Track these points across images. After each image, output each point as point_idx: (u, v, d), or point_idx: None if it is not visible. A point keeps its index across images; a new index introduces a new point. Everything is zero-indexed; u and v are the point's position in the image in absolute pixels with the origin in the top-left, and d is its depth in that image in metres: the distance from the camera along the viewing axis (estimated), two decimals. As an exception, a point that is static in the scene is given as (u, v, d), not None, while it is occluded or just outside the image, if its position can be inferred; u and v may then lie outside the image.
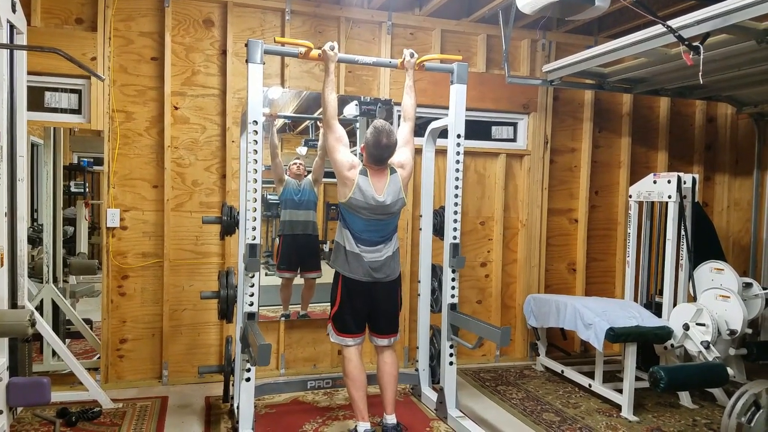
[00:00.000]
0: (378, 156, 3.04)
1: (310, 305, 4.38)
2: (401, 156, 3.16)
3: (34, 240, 4.32)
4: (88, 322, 4.34)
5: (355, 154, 3.28)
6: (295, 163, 4.29)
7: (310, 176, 4.31)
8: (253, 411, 3.08)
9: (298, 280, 4.37)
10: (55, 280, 4.29)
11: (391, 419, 3.15)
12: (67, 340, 4.35)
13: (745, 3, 2.78)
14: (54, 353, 3.95)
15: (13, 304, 3.10)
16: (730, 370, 3.28)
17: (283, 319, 4.28)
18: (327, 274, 4.35)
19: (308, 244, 4.37)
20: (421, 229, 3.94)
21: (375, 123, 3.07)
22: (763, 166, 5.12)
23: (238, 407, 3.16)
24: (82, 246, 4.95)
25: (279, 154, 4.24)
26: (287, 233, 4.32)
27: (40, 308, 4.05)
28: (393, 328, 3.25)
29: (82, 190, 5.15)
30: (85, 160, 5.18)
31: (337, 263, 3.16)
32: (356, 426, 3.08)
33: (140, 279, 4.01)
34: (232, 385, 3.46)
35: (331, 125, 3.04)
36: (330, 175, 4.44)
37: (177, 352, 4.08)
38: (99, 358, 4.02)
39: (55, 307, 4.20)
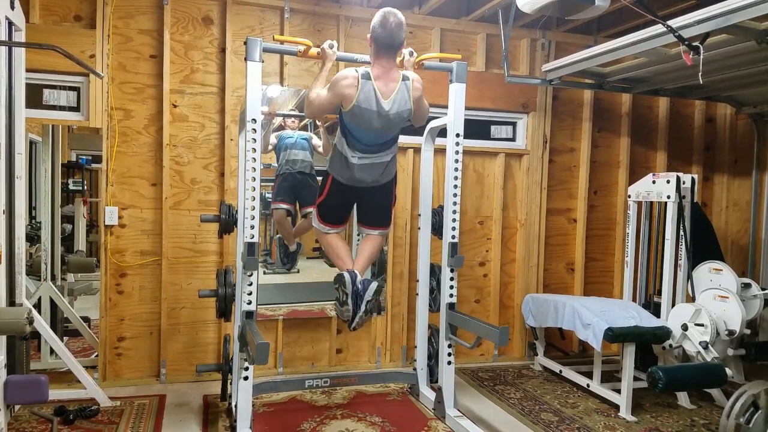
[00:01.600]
0: (387, 38, 2.89)
1: (307, 305, 4.38)
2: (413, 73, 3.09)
3: (32, 237, 4.31)
4: (86, 320, 4.33)
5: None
6: (289, 119, 4.26)
7: (306, 132, 4.29)
8: (251, 410, 3.08)
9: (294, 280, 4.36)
10: (53, 278, 4.29)
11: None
12: (65, 338, 4.36)
13: (745, 3, 2.77)
14: (52, 351, 3.95)
15: (11, 301, 3.10)
16: (728, 371, 3.28)
17: (286, 266, 4.27)
18: (326, 274, 4.37)
19: (306, 181, 4.28)
20: (419, 228, 3.94)
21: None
22: (762, 166, 5.12)
23: (236, 406, 3.16)
24: (80, 244, 4.95)
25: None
26: (285, 171, 4.23)
27: (38, 306, 4.05)
28: (383, 222, 3.26)
29: (81, 188, 5.15)
30: (84, 157, 5.18)
31: (332, 165, 3.10)
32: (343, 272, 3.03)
33: (138, 277, 4.00)
34: (230, 383, 3.46)
35: (314, 100, 2.99)
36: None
37: (175, 350, 4.07)
38: (97, 356, 4.01)
39: (53, 305, 4.20)
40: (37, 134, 4.30)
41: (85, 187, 5.23)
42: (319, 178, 3.43)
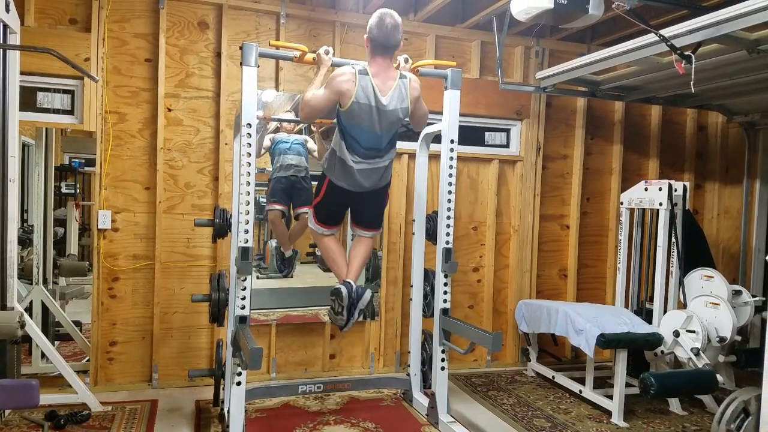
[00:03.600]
0: (383, 39, 2.93)
1: (300, 310, 4.37)
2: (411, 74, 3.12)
3: (24, 241, 4.29)
4: (77, 324, 4.31)
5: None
6: (285, 124, 4.26)
7: (301, 136, 4.28)
8: (243, 415, 3.07)
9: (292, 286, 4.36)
10: (45, 282, 4.26)
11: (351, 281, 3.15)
12: (57, 342, 4.32)
13: (736, 13, 2.81)
14: (43, 355, 3.92)
15: (3, 305, 3.09)
16: (719, 377, 3.30)
17: (282, 272, 4.29)
18: (320, 279, 4.38)
19: (299, 184, 4.26)
20: (413, 233, 3.95)
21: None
22: (752, 174, 5.16)
23: (228, 411, 3.15)
24: (72, 247, 4.92)
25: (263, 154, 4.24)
26: (279, 175, 4.21)
27: (29, 310, 4.02)
28: (376, 224, 3.35)
29: (73, 191, 5.13)
30: (77, 160, 5.16)
31: (328, 168, 3.12)
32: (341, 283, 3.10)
33: (131, 281, 3.99)
34: (223, 388, 3.45)
35: (309, 101, 2.99)
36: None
37: (167, 355, 4.05)
38: (88, 360, 3.99)
39: (45, 309, 4.17)
40: (30, 137, 4.28)
41: (78, 191, 5.21)
42: (314, 183, 3.42)
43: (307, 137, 4.30)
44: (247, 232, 2.93)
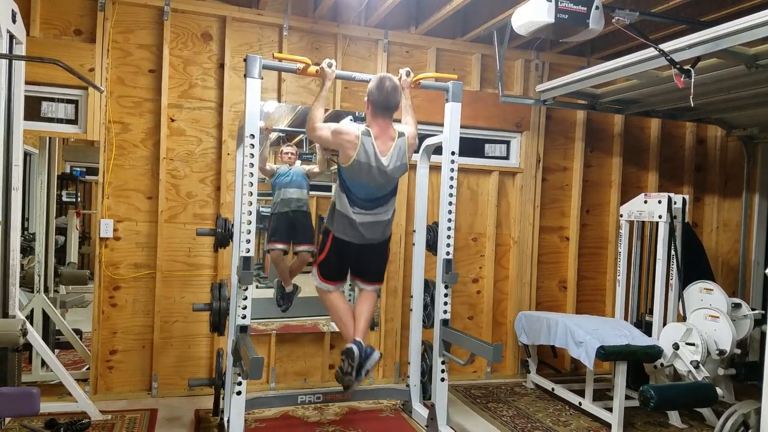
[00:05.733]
0: (383, 101, 3.03)
1: (300, 319, 4.37)
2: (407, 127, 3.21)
3: (25, 249, 4.30)
4: (78, 332, 4.32)
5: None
6: (287, 153, 4.26)
7: (301, 166, 4.29)
8: (243, 425, 3.07)
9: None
10: (46, 290, 4.27)
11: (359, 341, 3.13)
12: (57, 351, 4.33)
13: (736, 29, 2.84)
14: (43, 363, 3.93)
15: (5, 313, 3.09)
16: (719, 390, 3.31)
17: (283, 306, 4.30)
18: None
19: (300, 220, 4.27)
20: (414, 244, 3.97)
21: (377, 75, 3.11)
22: (751, 188, 5.19)
23: (228, 421, 3.15)
24: (73, 256, 4.94)
25: (267, 165, 4.24)
26: (280, 210, 4.21)
27: (30, 318, 4.04)
28: (379, 278, 3.38)
29: (74, 200, 5.15)
30: (78, 169, 5.19)
31: (331, 222, 3.16)
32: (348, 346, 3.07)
33: (132, 290, 3.99)
34: (223, 398, 3.45)
35: (316, 128, 3.05)
36: (323, 188, 4.47)
37: (167, 364, 4.05)
38: (88, 369, 3.99)
39: (45, 317, 4.18)
40: (32, 146, 4.31)
41: (79, 199, 5.23)
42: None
43: (308, 168, 4.30)
44: (249, 241, 2.95)
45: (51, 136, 4.15)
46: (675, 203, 4.01)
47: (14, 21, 3.11)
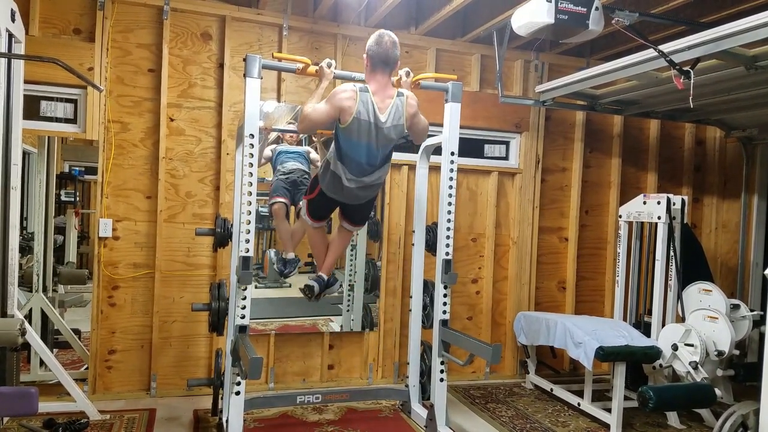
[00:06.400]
0: (383, 54, 3.02)
1: (299, 319, 4.37)
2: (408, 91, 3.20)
3: (24, 248, 4.29)
4: (76, 332, 4.30)
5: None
6: (290, 134, 4.29)
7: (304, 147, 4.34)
8: (242, 425, 3.07)
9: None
10: (45, 290, 4.26)
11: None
12: (55, 350, 4.31)
13: (735, 30, 2.84)
14: (42, 363, 3.91)
15: (3, 312, 3.09)
16: (717, 391, 3.31)
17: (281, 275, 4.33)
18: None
19: (302, 181, 4.27)
20: (413, 244, 3.96)
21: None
22: (750, 189, 5.19)
23: (227, 421, 3.14)
24: (71, 255, 4.92)
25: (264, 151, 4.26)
26: (282, 175, 4.23)
27: (29, 317, 4.02)
28: (363, 222, 3.61)
29: (73, 199, 5.13)
30: (77, 168, 5.17)
31: (323, 178, 3.20)
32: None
33: (131, 290, 3.99)
34: (222, 398, 3.44)
35: (310, 113, 3.00)
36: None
37: (166, 364, 4.05)
38: (87, 368, 3.98)
39: (44, 317, 4.17)
40: (31, 145, 4.29)
41: (77, 199, 5.22)
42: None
43: (309, 148, 4.32)
44: (248, 241, 2.94)
45: (50, 136, 4.14)
46: (674, 204, 4.02)
47: (13, 20, 3.11)
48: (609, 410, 3.74)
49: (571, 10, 2.80)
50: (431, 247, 3.83)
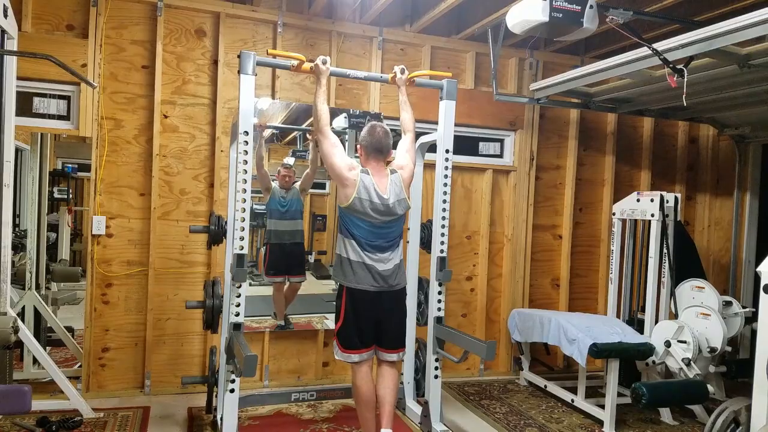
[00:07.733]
0: (376, 144, 3.06)
1: (295, 316, 4.37)
2: (401, 160, 3.20)
3: (16, 246, 4.27)
4: (69, 329, 4.29)
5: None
6: (283, 173, 4.30)
7: (297, 185, 4.32)
8: (236, 423, 3.06)
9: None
10: (38, 287, 4.24)
11: None
12: (48, 348, 4.30)
13: (728, 29, 2.86)
14: (35, 361, 3.90)
15: (-4, 310, 3.07)
16: (710, 387, 3.33)
17: (278, 329, 4.30)
18: (313, 287, 4.40)
19: (294, 252, 4.39)
20: (408, 241, 3.96)
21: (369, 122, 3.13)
22: (743, 187, 5.22)
23: (221, 418, 3.14)
24: (64, 253, 4.91)
25: (265, 165, 4.25)
26: (274, 242, 4.32)
27: (21, 315, 3.99)
28: (401, 342, 3.18)
29: (66, 196, 5.11)
30: (70, 165, 5.15)
31: (341, 275, 3.05)
32: None
33: (124, 287, 3.98)
34: (216, 396, 3.44)
35: (324, 132, 3.01)
36: (317, 186, 4.49)
37: (160, 361, 4.04)
38: (80, 366, 3.97)
39: (37, 314, 4.15)
40: (24, 142, 4.27)
41: (70, 196, 5.20)
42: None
43: (299, 185, 4.35)
44: (242, 239, 2.93)
45: (43, 132, 4.12)
46: (667, 202, 4.04)
47: (6, 16, 3.09)
48: (602, 406, 3.76)
49: (565, 8, 2.80)
50: (426, 244, 3.84)
